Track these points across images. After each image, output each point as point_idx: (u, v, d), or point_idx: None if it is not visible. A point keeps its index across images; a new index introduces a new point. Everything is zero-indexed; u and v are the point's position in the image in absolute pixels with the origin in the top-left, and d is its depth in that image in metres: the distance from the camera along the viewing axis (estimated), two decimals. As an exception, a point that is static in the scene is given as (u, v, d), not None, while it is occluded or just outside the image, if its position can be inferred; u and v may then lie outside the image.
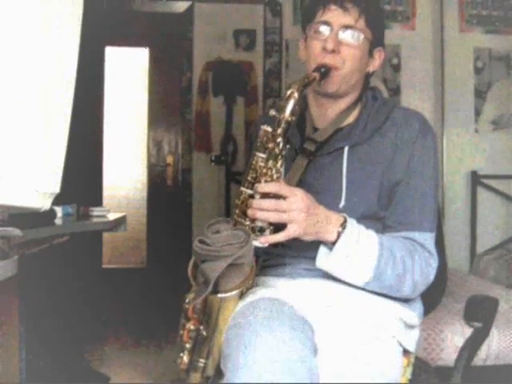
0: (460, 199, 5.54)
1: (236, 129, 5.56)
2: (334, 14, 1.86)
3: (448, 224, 5.28)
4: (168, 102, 5.97)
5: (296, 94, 1.72)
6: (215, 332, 1.64)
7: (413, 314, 1.87)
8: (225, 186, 5.35)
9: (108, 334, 5.16)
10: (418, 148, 1.85)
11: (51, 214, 3.17)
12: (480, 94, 5.60)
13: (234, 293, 1.62)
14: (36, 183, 1.43)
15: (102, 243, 5.88)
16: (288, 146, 1.75)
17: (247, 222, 1.67)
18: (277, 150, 1.70)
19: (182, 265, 5.47)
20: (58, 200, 1.65)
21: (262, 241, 1.64)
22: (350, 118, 1.94)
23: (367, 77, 2.00)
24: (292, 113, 1.71)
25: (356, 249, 1.70)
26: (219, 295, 1.60)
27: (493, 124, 5.59)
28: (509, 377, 3.08)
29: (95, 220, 3.73)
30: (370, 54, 1.94)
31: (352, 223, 1.72)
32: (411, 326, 1.87)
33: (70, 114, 1.51)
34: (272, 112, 1.74)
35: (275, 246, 1.88)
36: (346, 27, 1.85)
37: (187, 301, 1.63)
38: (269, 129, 1.72)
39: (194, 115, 5.59)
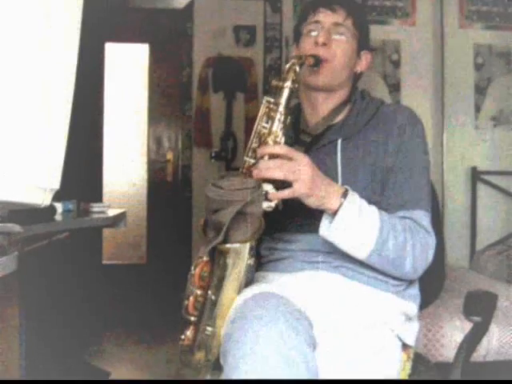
0: (460, 195, 5.55)
1: (236, 125, 5.56)
2: (324, 15, 1.98)
3: (448, 220, 5.29)
4: (168, 97, 5.97)
5: (297, 67, 1.81)
6: (222, 293, 1.65)
7: (412, 304, 1.89)
8: (225, 182, 5.34)
9: (108, 329, 5.17)
10: (407, 135, 1.91)
11: (51, 210, 3.17)
12: (480, 90, 5.60)
13: (243, 245, 1.63)
14: (36, 179, 1.43)
15: (102, 239, 5.89)
16: (289, 118, 1.79)
17: None
18: (279, 118, 1.75)
19: (182, 260, 5.46)
20: (58, 196, 1.66)
21: (270, 197, 1.64)
22: (341, 115, 2.02)
23: (356, 78, 2.09)
24: (294, 81, 1.78)
25: (358, 218, 1.72)
26: (228, 245, 1.61)
27: (493, 120, 5.59)
28: (509, 373, 3.08)
29: (95, 216, 3.73)
30: (358, 55, 2.04)
31: (354, 194, 1.74)
32: (410, 319, 1.88)
33: (69, 109, 1.51)
34: (274, 82, 1.79)
35: (277, 241, 1.90)
36: (336, 25, 1.97)
37: (193, 268, 1.65)
38: (271, 99, 1.78)
39: (193, 111, 5.59)
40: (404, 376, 1.89)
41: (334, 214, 1.71)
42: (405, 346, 1.87)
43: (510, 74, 5.60)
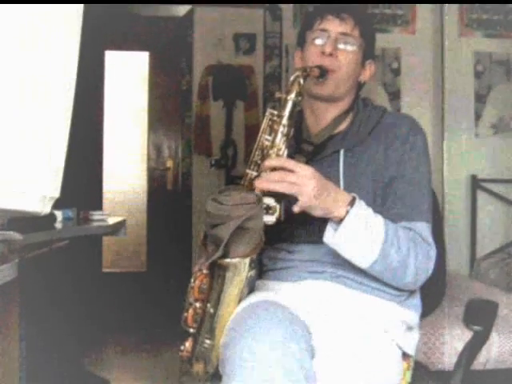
0: (460, 203, 5.54)
1: (236, 133, 5.56)
2: (332, 23, 1.95)
3: (448, 228, 5.27)
4: (168, 105, 5.97)
5: (301, 79, 1.79)
6: (221, 307, 1.65)
7: (413, 314, 1.89)
8: (225, 190, 5.33)
9: (108, 337, 5.16)
10: (409, 145, 1.90)
11: (51, 218, 3.17)
12: (480, 98, 5.60)
13: (243, 259, 1.62)
14: (36, 187, 1.43)
15: (101, 247, 5.89)
16: (292, 130, 1.78)
17: None
18: (282, 131, 1.74)
19: (181, 268, 5.44)
20: (58, 204, 1.65)
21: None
22: (344, 125, 2.00)
23: (359, 87, 2.07)
24: (297, 95, 1.77)
25: (364, 227, 1.71)
26: (228, 260, 1.60)
27: (493, 128, 5.59)
28: (509, 381, 3.08)
29: (95, 224, 3.73)
30: (362, 65, 2.02)
31: (361, 203, 1.74)
32: (411, 328, 1.88)
33: (70, 117, 1.51)
34: (278, 94, 1.79)
35: (279, 251, 1.90)
36: (343, 35, 1.94)
37: (192, 280, 1.64)
38: (275, 111, 1.77)
39: (193, 119, 5.59)
40: (404, 384, 1.88)
41: (340, 221, 1.71)
42: (405, 355, 1.87)
43: (510, 82, 5.60)
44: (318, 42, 1.95)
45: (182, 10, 5.64)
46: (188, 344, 1.68)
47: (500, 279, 4.49)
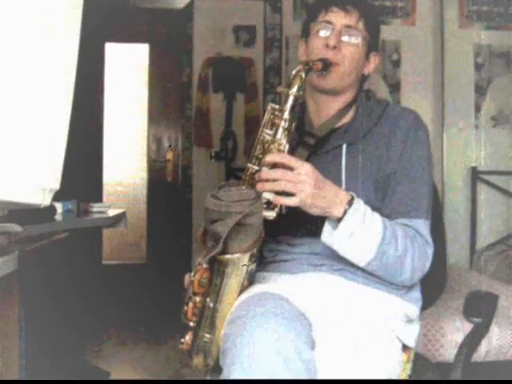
0: (460, 195, 5.54)
1: (236, 125, 5.55)
2: (336, 15, 1.93)
3: (448, 220, 5.27)
4: (168, 97, 5.97)
5: (303, 74, 1.77)
6: (221, 301, 1.65)
7: (413, 307, 1.89)
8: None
9: (108, 329, 5.16)
10: (411, 140, 1.89)
11: (51, 210, 3.17)
12: (480, 90, 5.60)
13: (242, 255, 1.62)
14: (36, 179, 1.43)
15: (101, 239, 5.89)
16: (294, 124, 1.78)
17: None
18: (284, 126, 1.74)
19: (181, 260, 5.44)
20: (58, 196, 1.66)
21: (273, 200, 1.64)
22: (347, 118, 1.99)
23: (362, 79, 2.05)
24: (299, 89, 1.76)
25: (361, 226, 1.71)
26: (228, 256, 1.60)
27: (493, 120, 5.59)
28: (509, 373, 3.08)
29: (95, 216, 3.73)
30: (366, 57, 2.01)
31: (359, 202, 1.73)
32: (411, 321, 1.88)
33: (70, 109, 1.51)
34: (279, 88, 1.78)
35: (280, 243, 1.90)
36: (348, 27, 1.92)
37: (193, 274, 1.64)
38: (276, 106, 1.77)
39: (193, 111, 5.59)
40: (404, 377, 1.88)
41: (338, 220, 1.71)
42: (405, 347, 1.87)
43: (510, 74, 5.60)
44: (322, 34, 1.93)
45: (181, 1, 5.63)
46: (188, 337, 1.69)
47: (500, 271, 4.50)
